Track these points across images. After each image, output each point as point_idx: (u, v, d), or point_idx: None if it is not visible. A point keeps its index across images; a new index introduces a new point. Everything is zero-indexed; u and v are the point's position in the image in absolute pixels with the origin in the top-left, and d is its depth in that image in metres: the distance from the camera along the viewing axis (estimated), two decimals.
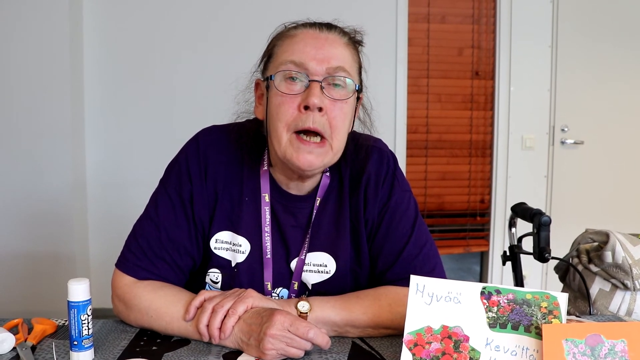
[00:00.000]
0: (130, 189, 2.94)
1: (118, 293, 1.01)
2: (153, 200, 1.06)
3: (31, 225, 2.76)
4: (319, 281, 1.06)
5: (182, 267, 1.05)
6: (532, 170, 3.34)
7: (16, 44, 2.66)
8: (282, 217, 1.07)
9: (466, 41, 3.29)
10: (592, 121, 3.35)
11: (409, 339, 0.82)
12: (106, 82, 2.94)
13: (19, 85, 2.69)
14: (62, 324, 1.02)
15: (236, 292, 0.96)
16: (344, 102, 0.99)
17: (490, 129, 3.35)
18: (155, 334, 0.98)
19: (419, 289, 0.84)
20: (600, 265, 1.40)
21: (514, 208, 1.59)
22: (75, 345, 0.86)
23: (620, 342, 0.78)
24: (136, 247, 1.02)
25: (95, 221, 2.99)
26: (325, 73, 0.97)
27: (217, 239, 1.05)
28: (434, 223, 3.37)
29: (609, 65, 3.33)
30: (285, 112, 0.97)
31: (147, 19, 2.94)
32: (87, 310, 0.86)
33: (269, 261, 1.05)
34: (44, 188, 2.74)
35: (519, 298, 0.82)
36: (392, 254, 1.05)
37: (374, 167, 1.08)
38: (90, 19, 2.89)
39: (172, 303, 0.97)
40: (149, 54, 2.96)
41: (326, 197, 1.08)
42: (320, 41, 0.99)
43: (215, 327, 0.90)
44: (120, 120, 2.98)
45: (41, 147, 2.72)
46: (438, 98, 3.30)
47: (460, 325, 0.82)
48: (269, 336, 0.85)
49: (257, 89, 1.08)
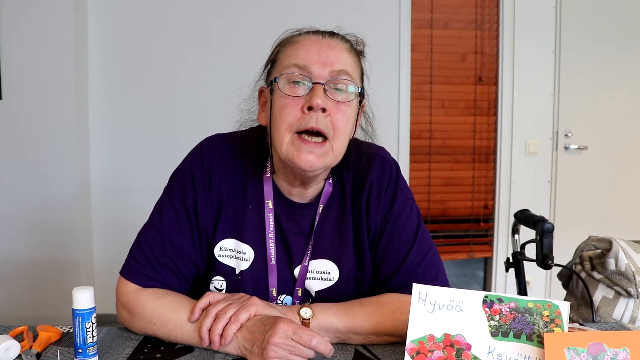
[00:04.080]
0: (134, 195, 2.95)
1: (122, 301, 1.02)
2: (157, 208, 1.07)
3: (36, 231, 2.77)
4: (322, 288, 1.07)
5: (186, 275, 1.05)
6: (536, 176, 3.33)
7: (21, 50, 2.68)
8: (285, 224, 1.07)
9: (469, 47, 3.29)
10: (595, 126, 3.34)
11: (411, 347, 0.82)
12: (110, 89, 2.96)
13: (24, 91, 2.71)
14: (67, 332, 1.03)
15: (241, 298, 0.96)
16: (346, 104, 1.00)
17: (493, 135, 3.35)
18: (159, 342, 0.98)
19: (421, 297, 0.84)
20: (604, 272, 1.40)
21: (517, 215, 1.59)
22: (80, 352, 0.87)
23: (622, 350, 0.78)
24: (140, 255, 1.03)
25: (100, 227, 3.00)
26: (328, 76, 0.98)
27: (221, 246, 1.06)
28: (438, 229, 3.36)
29: (613, 71, 3.32)
30: (288, 113, 0.97)
31: (151, 25, 2.96)
32: (91, 318, 0.87)
33: (273, 267, 1.06)
34: (49, 194, 2.75)
35: (520, 306, 0.82)
36: (395, 262, 1.06)
37: (377, 175, 1.09)
38: (94, 26, 2.91)
39: (175, 310, 0.97)
40: (153, 61, 2.98)
41: (328, 205, 1.09)
42: (323, 46, 1.00)
43: (216, 333, 0.90)
44: (125, 127, 3.00)
45: (46, 153, 2.74)
46: (441, 104, 3.30)
47: (462, 334, 0.82)
48: (272, 344, 0.85)
49: (261, 96, 1.08)
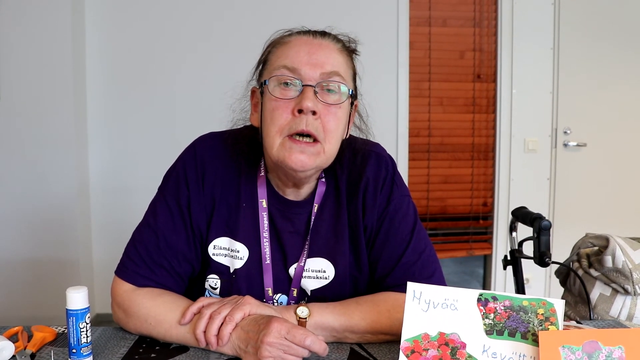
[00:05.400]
0: (133, 195, 2.95)
1: (117, 300, 1.02)
2: (151, 207, 1.07)
3: (35, 231, 2.77)
4: (317, 287, 1.06)
5: (181, 274, 1.05)
6: (535, 173, 3.33)
7: (19, 50, 2.68)
8: (280, 223, 1.07)
9: (468, 44, 3.29)
10: (594, 123, 3.34)
11: (406, 346, 0.82)
12: (109, 89, 2.96)
13: (23, 92, 2.71)
14: (62, 332, 1.02)
15: (234, 299, 0.96)
16: (337, 107, 0.99)
17: (492, 132, 3.34)
18: (154, 341, 0.98)
19: (416, 295, 0.84)
20: (601, 269, 1.39)
21: (515, 212, 1.58)
22: (74, 353, 0.86)
23: (617, 348, 0.77)
24: (135, 254, 1.03)
25: (99, 227, 3.01)
26: (319, 78, 0.97)
27: (215, 245, 1.06)
28: (437, 226, 3.35)
29: (612, 67, 3.32)
30: (279, 116, 0.96)
31: (149, 27, 2.96)
32: (85, 318, 0.87)
33: (268, 267, 1.05)
34: (48, 194, 2.76)
35: (515, 305, 0.82)
36: (391, 260, 1.05)
37: (372, 172, 1.08)
38: (92, 26, 2.91)
39: (170, 310, 0.97)
40: (150, 62, 2.98)
41: (323, 203, 1.08)
42: (313, 47, 0.99)
43: (212, 333, 0.90)
44: (123, 127, 3.00)
45: (45, 153, 2.74)
46: (440, 101, 3.30)
47: (457, 332, 0.82)
48: (266, 344, 0.85)
49: (253, 96, 1.08)
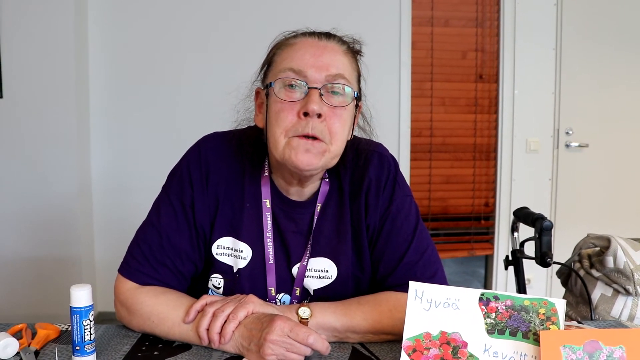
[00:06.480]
0: (135, 194, 2.95)
1: (120, 298, 1.02)
2: (155, 206, 1.07)
3: (37, 230, 2.78)
4: (320, 287, 1.07)
5: (184, 273, 1.06)
6: (537, 174, 3.33)
7: (22, 49, 2.69)
8: (283, 223, 1.07)
9: (470, 44, 3.28)
10: (596, 124, 3.34)
11: (407, 345, 0.82)
12: (111, 89, 2.97)
13: (25, 91, 2.71)
14: (66, 329, 1.03)
15: (237, 298, 0.97)
16: (342, 109, 0.99)
17: (494, 132, 3.34)
18: (157, 339, 0.99)
19: (418, 295, 0.84)
20: (602, 270, 1.40)
21: (516, 212, 1.59)
22: (78, 350, 0.87)
23: (618, 348, 0.78)
24: (138, 252, 1.03)
25: (101, 226, 3.01)
26: (325, 80, 0.97)
27: (218, 244, 1.06)
28: (438, 226, 3.35)
29: (614, 68, 3.31)
30: (284, 118, 0.97)
31: (152, 26, 2.96)
32: (89, 316, 0.87)
33: (271, 267, 1.06)
34: (50, 193, 2.76)
35: (517, 304, 0.82)
36: (393, 260, 1.06)
37: (375, 172, 1.09)
38: (95, 26, 2.92)
39: (173, 308, 0.98)
40: (153, 61, 2.98)
41: (326, 203, 1.09)
42: (319, 49, 0.99)
43: (215, 331, 0.91)
44: (125, 126, 3.00)
45: (47, 153, 2.75)
46: (442, 101, 3.30)
47: (458, 331, 0.82)
48: (268, 342, 0.85)
49: (257, 97, 1.08)
